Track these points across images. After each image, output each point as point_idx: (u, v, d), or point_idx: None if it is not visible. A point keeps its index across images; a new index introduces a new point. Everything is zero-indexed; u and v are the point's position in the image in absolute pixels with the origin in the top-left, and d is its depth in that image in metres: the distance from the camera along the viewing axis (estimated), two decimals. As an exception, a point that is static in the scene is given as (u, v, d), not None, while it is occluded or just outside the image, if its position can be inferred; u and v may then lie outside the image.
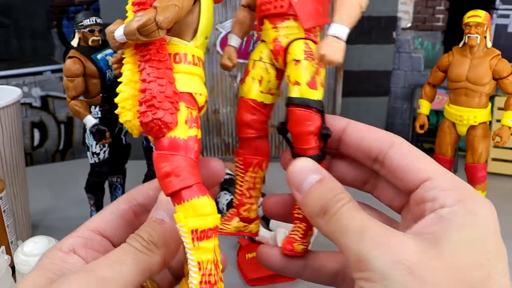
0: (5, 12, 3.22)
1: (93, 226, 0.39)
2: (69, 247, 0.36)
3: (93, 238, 0.38)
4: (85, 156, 1.84)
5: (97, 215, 0.41)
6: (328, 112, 2.71)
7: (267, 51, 0.69)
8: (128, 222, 0.41)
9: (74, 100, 1.67)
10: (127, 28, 0.44)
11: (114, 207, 0.41)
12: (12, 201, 1.68)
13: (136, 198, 0.42)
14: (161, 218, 0.39)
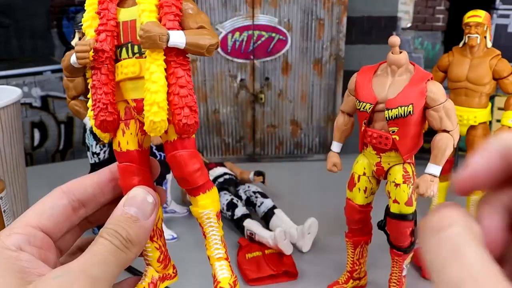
0: (5, 12, 3.22)
1: (34, 223, 0.39)
2: (15, 246, 0.36)
3: (36, 235, 0.38)
4: (85, 156, 1.83)
5: (35, 208, 0.40)
6: (328, 111, 2.72)
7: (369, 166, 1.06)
8: (67, 217, 0.41)
9: (74, 100, 1.67)
10: (200, 41, 0.51)
11: (53, 202, 0.41)
12: (12, 201, 1.68)
13: (75, 193, 0.43)
14: (136, 216, 0.40)
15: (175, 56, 0.52)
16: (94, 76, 0.52)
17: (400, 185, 1.23)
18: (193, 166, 0.53)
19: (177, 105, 0.52)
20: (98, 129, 0.52)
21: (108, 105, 0.52)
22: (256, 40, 2.55)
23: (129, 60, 0.53)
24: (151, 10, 0.52)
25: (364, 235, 1.40)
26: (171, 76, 0.52)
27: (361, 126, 1.31)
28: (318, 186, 2.25)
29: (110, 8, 0.53)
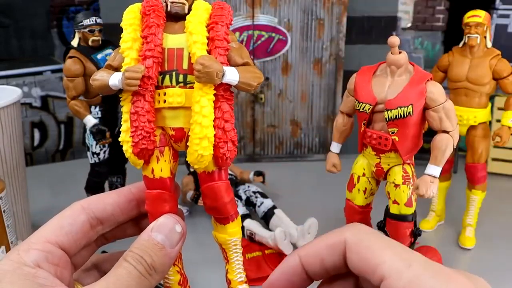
0: (5, 12, 3.22)
1: (52, 239, 0.38)
2: (34, 262, 0.36)
3: (54, 252, 0.38)
4: (85, 156, 1.84)
5: (54, 223, 0.40)
6: (328, 111, 2.72)
7: (369, 167, 1.03)
8: (85, 234, 0.41)
9: (74, 100, 1.67)
10: (251, 81, 0.54)
11: (73, 218, 0.41)
12: (12, 201, 1.68)
13: (94, 211, 0.42)
14: (162, 244, 0.40)
15: (223, 91, 0.52)
16: (136, 102, 0.51)
17: (400, 186, 1.23)
18: (228, 198, 0.55)
19: (222, 139, 0.52)
20: (136, 156, 0.51)
21: (151, 134, 0.51)
22: (256, 40, 2.55)
23: (174, 90, 0.52)
24: (203, 43, 0.52)
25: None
26: (217, 110, 0.52)
27: (360, 127, 1.31)
28: (318, 186, 2.25)
29: (158, 34, 0.52)
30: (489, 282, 0.90)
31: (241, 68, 0.54)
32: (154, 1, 0.54)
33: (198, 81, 0.50)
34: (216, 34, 0.52)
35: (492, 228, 1.88)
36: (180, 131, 0.53)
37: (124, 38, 0.52)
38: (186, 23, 0.53)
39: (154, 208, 0.49)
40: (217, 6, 0.55)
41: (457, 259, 1.71)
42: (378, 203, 1.38)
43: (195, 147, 0.51)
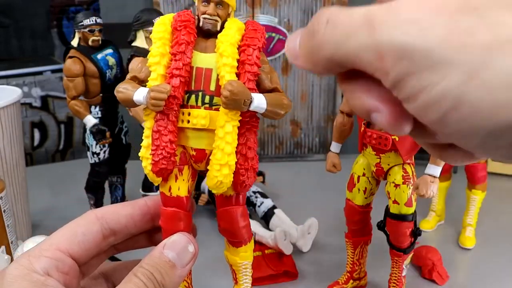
0: (5, 12, 3.22)
1: (64, 247, 0.38)
2: (43, 270, 0.36)
3: (64, 261, 0.37)
4: (85, 156, 1.84)
5: (66, 230, 0.39)
6: (328, 111, 2.72)
7: (369, 167, 0.93)
8: (97, 245, 0.40)
9: (74, 100, 1.67)
10: (279, 110, 0.54)
11: (86, 227, 0.40)
12: (12, 201, 1.68)
13: (108, 221, 0.42)
14: (173, 262, 0.40)
15: (248, 117, 0.52)
16: (160, 121, 0.50)
17: (400, 186, 1.23)
18: (244, 223, 0.56)
19: (243, 166, 0.52)
20: (155, 174, 0.51)
21: (171, 155, 0.50)
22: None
23: (199, 111, 0.51)
24: (233, 66, 0.50)
25: (364, 236, 1.40)
26: (241, 136, 0.51)
27: (360, 127, 1.31)
28: (318, 186, 2.25)
29: (187, 52, 0.50)
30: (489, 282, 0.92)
31: (270, 95, 0.53)
32: (186, 16, 0.52)
33: (225, 107, 0.50)
34: (247, 57, 0.51)
35: (492, 228, 1.88)
36: (202, 152, 0.53)
37: (152, 52, 0.51)
38: (217, 42, 0.52)
39: (168, 225, 0.48)
40: (250, 27, 0.53)
41: (457, 259, 1.71)
42: (378, 203, 1.38)
43: (215, 173, 0.51)
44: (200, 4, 0.53)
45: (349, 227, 1.41)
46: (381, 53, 0.21)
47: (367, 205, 1.36)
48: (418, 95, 0.20)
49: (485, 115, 0.19)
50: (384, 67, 0.21)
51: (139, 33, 1.64)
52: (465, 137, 0.20)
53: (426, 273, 1.55)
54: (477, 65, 0.19)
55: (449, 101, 0.19)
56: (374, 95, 0.23)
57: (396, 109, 0.23)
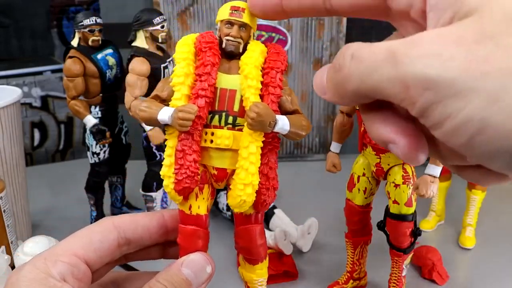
0: (5, 12, 3.22)
1: (80, 253, 0.38)
2: (60, 275, 0.36)
3: (79, 267, 0.37)
4: (85, 156, 1.84)
5: (83, 236, 0.39)
6: (328, 111, 2.72)
7: (369, 167, 1.03)
8: (111, 253, 0.41)
9: (74, 100, 1.67)
10: (300, 131, 0.55)
11: (103, 235, 0.40)
12: (12, 201, 1.68)
13: (125, 231, 0.42)
14: (190, 281, 0.40)
15: (271, 138, 0.53)
16: (184, 140, 0.50)
17: (400, 186, 1.23)
18: (261, 241, 0.56)
19: (264, 186, 0.52)
20: (177, 192, 0.51)
21: (195, 174, 0.50)
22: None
23: (223, 131, 0.51)
24: (257, 88, 0.51)
25: (364, 236, 1.40)
26: (264, 156, 0.52)
27: (360, 127, 1.31)
28: (318, 186, 2.25)
29: (213, 73, 0.51)
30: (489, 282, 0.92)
31: (292, 117, 0.54)
32: (210, 37, 0.53)
33: (250, 129, 0.50)
34: (270, 80, 0.52)
35: (492, 228, 1.88)
36: (223, 171, 0.53)
37: (176, 72, 0.51)
38: (241, 64, 0.52)
39: (187, 243, 0.48)
40: (273, 50, 0.54)
41: (457, 259, 1.71)
42: (378, 203, 1.38)
43: (239, 192, 0.51)
44: (223, 26, 0.53)
45: (349, 227, 1.41)
46: (407, 85, 0.22)
47: (367, 205, 1.36)
48: (444, 121, 0.22)
49: (509, 136, 0.20)
50: (411, 98, 0.22)
51: (139, 33, 1.64)
52: (492, 158, 0.22)
53: (426, 273, 1.55)
54: (497, 90, 0.20)
55: (474, 126, 0.21)
56: (392, 127, 0.25)
57: (411, 141, 0.25)
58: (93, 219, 1.83)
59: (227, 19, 0.54)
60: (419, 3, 0.25)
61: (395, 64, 0.22)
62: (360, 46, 0.25)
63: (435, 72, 0.21)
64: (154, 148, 1.72)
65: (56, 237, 1.26)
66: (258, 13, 0.37)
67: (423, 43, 0.22)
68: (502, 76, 0.20)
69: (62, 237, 0.40)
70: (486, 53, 0.20)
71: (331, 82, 0.27)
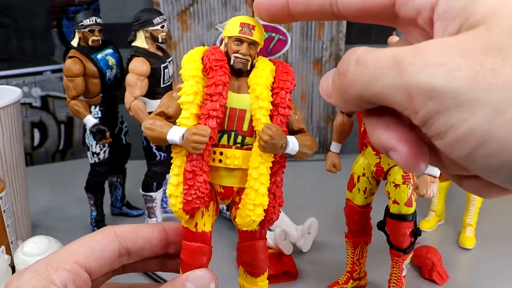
0: (5, 12, 3.22)
1: (81, 261, 0.38)
2: (62, 283, 0.35)
3: (81, 275, 0.37)
4: (85, 156, 1.84)
5: (85, 244, 0.39)
6: (329, 112, 2.72)
7: (369, 167, 1.04)
8: (111, 262, 0.41)
9: (74, 100, 1.67)
10: (307, 151, 0.55)
11: (105, 244, 0.40)
12: (12, 201, 1.68)
13: (127, 241, 0.42)
14: None
15: (279, 157, 0.52)
16: (194, 161, 0.49)
17: (400, 186, 1.23)
18: (264, 255, 0.57)
19: (271, 204, 0.52)
20: (184, 211, 0.50)
21: (205, 195, 0.50)
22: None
23: (233, 151, 0.51)
24: (268, 109, 0.51)
25: (364, 236, 1.40)
26: (272, 175, 0.52)
27: (360, 127, 1.31)
28: (318, 186, 2.25)
29: (224, 93, 0.50)
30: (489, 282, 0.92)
31: (300, 137, 0.54)
32: (219, 55, 0.52)
33: (263, 151, 0.50)
34: (280, 100, 0.52)
35: (492, 228, 1.88)
36: (230, 189, 0.53)
37: (185, 90, 0.50)
38: (251, 84, 0.51)
39: (192, 260, 0.48)
40: (281, 69, 0.53)
41: (457, 259, 1.71)
42: (378, 203, 1.38)
43: (249, 213, 0.51)
44: (232, 43, 0.52)
45: (349, 227, 1.41)
46: (411, 93, 0.22)
47: (367, 205, 1.36)
48: (446, 132, 0.21)
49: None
50: (414, 107, 0.22)
51: (139, 33, 1.64)
52: (493, 172, 0.21)
53: (426, 273, 1.55)
54: (503, 102, 0.20)
55: (477, 138, 0.20)
56: (394, 134, 0.25)
57: (413, 149, 0.25)
58: (93, 219, 1.83)
59: (237, 36, 0.52)
60: (427, 11, 0.25)
61: (399, 72, 0.22)
62: (365, 51, 0.25)
63: (440, 82, 0.21)
64: (154, 148, 1.72)
65: (56, 237, 1.26)
66: (265, 17, 0.36)
67: (429, 52, 0.22)
68: (508, 89, 0.20)
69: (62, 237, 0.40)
70: (493, 65, 0.20)
71: (336, 87, 0.27)
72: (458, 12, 0.23)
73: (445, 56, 0.21)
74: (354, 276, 1.46)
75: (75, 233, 1.58)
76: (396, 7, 0.27)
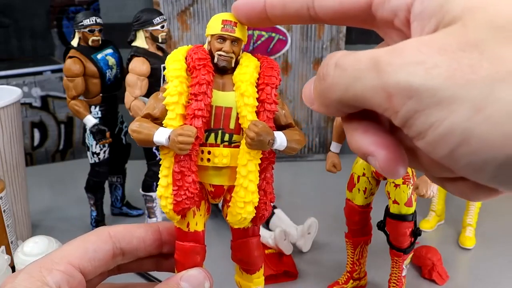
0: (5, 12, 3.22)
1: (75, 262, 0.38)
2: (56, 284, 0.35)
3: (75, 276, 0.37)
4: (85, 156, 1.84)
5: (78, 245, 0.39)
6: (328, 112, 2.71)
7: (369, 167, 0.99)
8: (105, 263, 0.41)
9: (74, 100, 1.67)
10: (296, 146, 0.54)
11: (98, 245, 0.40)
12: (12, 201, 1.68)
13: (120, 241, 0.42)
14: None
15: (268, 153, 0.52)
16: (182, 162, 0.49)
17: (400, 186, 1.23)
18: (258, 252, 0.57)
19: (262, 201, 0.52)
20: (175, 213, 0.51)
21: (195, 195, 0.50)
22: (256, 40, 2.55)
23: (220, 150, 0.51)
24: (254, 106, 0.51)
25: (364, 236, 1.40)
26: (261, 172, 0.52)
27: (361, 126, 1.31)
28: (318, 186, 2.25)
29: (208, 92, 0.50)
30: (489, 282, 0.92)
31: (287, 132, 0.54)
32: (202, 54, 0.51)
33: (250, 148, 0.50)
34: (266, 96, 0.51)
35: (492, 228, 1.88)
36: (220, 188, 0.53)
37: (170, 91, 0.50)
38: (236, 81, 0.51)
39: (185, 260, 0.48)
40: (266, 64, 0.53)
41: (457, 259, 1.71)
42: (378, 203, 1.38)
43: (239, 211, 0.51)
44: (214, 41, 0.51)
45: (349, 227, 1.41)
46: (390, 94, 0.22)
47: (367, 205, 1.36)
48: (427, 131, 0.21)
49: (493, 148, 0.19)
50: (393, 107, 0.22)
51: (139, 33, 1.64)
52: (477, 171, 0.21)
53: (426, 273, 1.55)
54: (482, 99, 0.19)
55: (457, 136, 0.20)
56: (372, 139, 0.25)
57: (390, 154, 0.24)
58: (93, 219, 1.83)
59: (219, 34, 0.52)
60: (404, 12, 0.25)
61: (378, 73, 0.22)
62: (344, 54, 0.24)
63: (418, 80, 0.21)
64: (154, 148, 1.72)
65: (56, 237, 1.26)
66: (243, 20, 0.37)
67: (406, 51, 0.22)
68: (487, 85, 0.19)
69: (62, 237, 0.40)
70: (470, 61, 0.20)
71: (317, 92, 0.27)
72: (433, 11, 0.23)
73: (422, 55, 0.21)
74: (354, 276, 1.46)
75: (75, 233, 1.58)
76: (372, 9, 0.27)
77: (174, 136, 0.48)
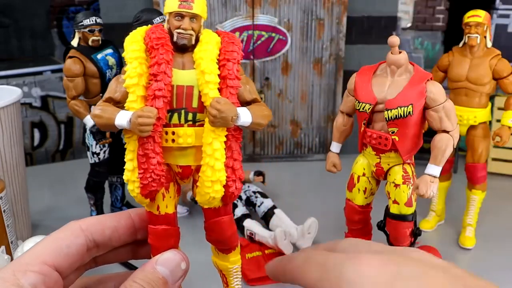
0: (5, 12, 3.22)
1: (49, 261, 0.37)
2: (31, 285, 0.34)
3: (50, 275, 0.36)
4: (85, 156, 1.84)
5: (51, 243, 0.38)
6: (328, 111, 2.72)
7: (369, 167, 1.08)
8: (80, 257, 0.40)
9: (74, 100, 1.67)
10: (262, 121, 0.54)
11: (71, 240, 0.39)
12: (12, 201, 1.68)
13: (93, 233, 0.41)
14: (166, 279, 0.40)
15: (233, 130, 0.51)
16: (146, 144, 0.49)
17: (400, 186, 1.23)
18: (231, 230, 0.57)
19: (231, 178, 0.52)
20: (143, 196, 0.50)
21: (161, 177, 0.50)
22: (256, 40, 2.55)
23: (184, 129, 0.50)
24: (215, 82, 0.49)
25: (364, 235, 1.40)
26: (227, 149, 0.51)
27: (360, 127, 1.31)
28: (318, 186, 2.25)
29: (168, 72, 0.49)
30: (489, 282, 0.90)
31: (252, 107, 0.52)
32: (160, 33, 0.50)
33: (213, 125, 0.49)
34: (228, 72, 0.50)
35: (492, 228, 1.88)
36: (188, 168, 0.52)
37: (129, 73, 0.49)
38: (196, 59, 0.50)
39: (159, 243, 0.48)
40: (227, 39, 0.51)
41: (457, 259, 1.71)
42: (378, 203, 1.38)
43: (207, 190, 0.51)
44: (172, 19, 0.50)
45: (349, 227, 1.41)
46: None
47: (367, 205, 1.36)
48: None
49: None
50: None
51: (139, 33, 1.63)
52: None
53: (426, 273, 1.55)
54: None
55: None
56: None
57: None
58: (93, 219, 1.83)
59: (177, 11, 0.51)
60: None
61: None
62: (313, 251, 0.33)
63: None
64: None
65: (56, 237, 1.25)
66: None
67: None
68: None
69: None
70: None
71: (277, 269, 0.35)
72: None
73: None
74: None
75: (75, 233, 1.58)
76: None
77: (134, 118, 0.47)
